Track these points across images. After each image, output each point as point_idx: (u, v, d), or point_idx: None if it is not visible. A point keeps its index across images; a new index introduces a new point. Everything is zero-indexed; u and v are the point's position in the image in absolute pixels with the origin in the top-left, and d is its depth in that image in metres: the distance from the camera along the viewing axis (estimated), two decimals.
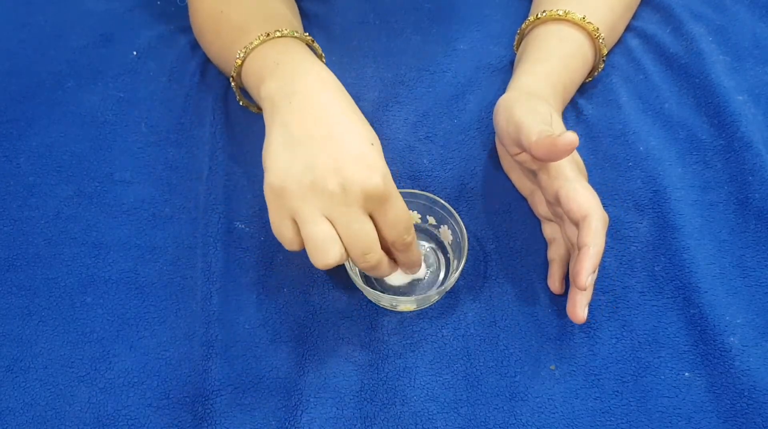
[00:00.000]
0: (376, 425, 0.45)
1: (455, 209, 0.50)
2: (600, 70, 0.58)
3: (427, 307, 0.50)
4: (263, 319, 0.49)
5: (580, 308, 0.44)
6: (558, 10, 0.55)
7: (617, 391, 0.46)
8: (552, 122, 0.47)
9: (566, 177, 0.46)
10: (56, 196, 0.55)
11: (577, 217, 0.44)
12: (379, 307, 0.50)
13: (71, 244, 0.53)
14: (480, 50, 0.63)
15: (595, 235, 0.43)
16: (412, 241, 0.44)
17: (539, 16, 0.56)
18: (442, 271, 0.51)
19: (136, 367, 0.48)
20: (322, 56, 0.57)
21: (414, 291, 0.50)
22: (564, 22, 0.55)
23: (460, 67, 0.62)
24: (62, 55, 0.64)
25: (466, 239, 0.48)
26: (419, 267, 0.49)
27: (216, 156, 0.56)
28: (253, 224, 0.53)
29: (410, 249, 0.45)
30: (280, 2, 0.59)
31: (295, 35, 0.52)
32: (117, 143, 0.58)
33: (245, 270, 0.51)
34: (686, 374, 0.46)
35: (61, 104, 0.61)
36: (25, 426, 0.45)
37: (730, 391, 0.45)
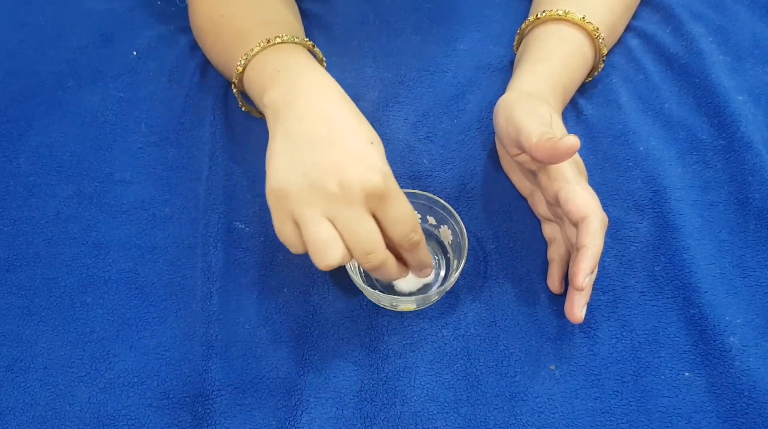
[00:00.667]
0: (376, 425, 0.45)
1: (455, 209, 0.49)
2: (600, 70, 0.58)
3: (427, 307, 0.50)
4: (263, 319, 0.49)
5: (578, 308, 0.44)
6: (558, 10, 0.55)
7: (617, 391, 0.46)
8: (552, 123, 0.46)
9: (566, 178, 0.46)
10: (56, 196, 0.55)
11: (576, 219, 0.44)
12: (379, 307, 0.50)
13: (71, 244, 0.53)
14: (480, 50, 0.63)
15: (594, 237, 0.43)
16: (419, 240, 0.43)
17: (539, 16, 0.56)
18: (442, 271, 0.51)
19: (136, 367, 0.48)
20: (323, 60, 0.57)
21: (419, 291, 0.50)
22: (564, 22, 0.55)
23: (460, 67, 0.62)
24: (62, 55, 0.64)
25: (466, 239, 0.48)
26: (430, 268, 0.47)
27: (216, 156, 0.56)
28: (253, 224, 0.53)
29: (418, 248, 0.44)
30: (281, 3, 0.58)
31: (295, 41, 0.52)
32: (117, 143, 0.58)
33: (245, 270, 0.51)
34: (686, 374, 0.46)
35: (61, 104, 0.61)
36: (25, 426, 0.45)
37: (730, 391, 0.45)
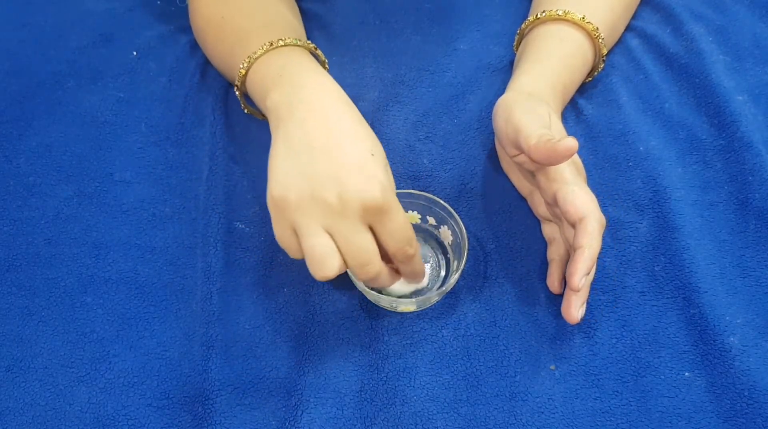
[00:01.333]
0: (376, 425, 0.45)
1: (455, 209, 0.50)
2: (600, 70, 0.58)
3: (427, 308, 0.50)
4: (263, 319, 0.49)
5: (575, 309, 0.44)
6: (558, 10, 0.55)
7: (617, 391, 0.46)
8: (551, 124, 0.46)
9: (564, 179, 0.46)
10: (56, 196, 0.55)
11: (573, 219, 0.44)
12: (379, 307, 0.50)
13: (71, 244, 0.53)
14: (480, 50, 0.63)
15: (591, 238, 0.43)
16: (414, 253, 0.44)
17: (539, 16, 0.56)
18: (443, 271, 0.51)
19: (136, 367, 0.48)
20: (325, 62, 0.57)
21: (414, 294, 0.50)
22: (564, 22, 0.55)
23: (460, 67, 0.62)
24: (62, 55, 0.64)
25: (466, 239, 0.48)
26: (422, 278, 0.48)
27: (216, 156, 0.56)
28: (253, 224, 0.53)
29: (412, 261, 0.44)
30: (282, 4, 0.58)
31: (298, 43, 0.52)
32: (117, 143, 0.58)
33: (245, 270, 0.51)
34: (686, 374, 0.46)
35: (61, 104, 0.60)
36: (25, 426, 0.45)
37: (730, 391, 0.45)
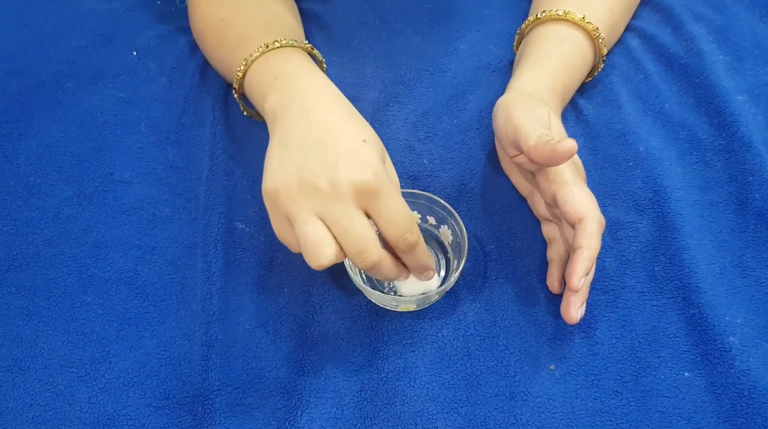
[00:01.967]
0: (376, 425, 0.45)
1: (455, 209, 0.49)
2: (600, 70, 0.58)
3: (427, 307, 0.50)
4: (263, 319, 0.49)
5: (574, 309, 0.44)
6: (558, 10, 0.55)
7: (617, 391, 0.46)
8: (551, 124, 0.46)
9: (564, 180, 0.46)
10: (56, 196, 0.55)
11: (573, 220, 0.44)
12: (379, 307, 0.50)
13: (71, 244, 0.53)
14: (480, 50, 0.63)
15: (590, 238, 0.43)
16: (415, 242, 0.42)
17: (539, 16, 0.56)
18: (442, 270, 0.51)
19: (136, 367, 0.48)
20: (323, 62, 0.57)
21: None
22: (564, 22, 0.55)
23: (460, 67, 0.62)
24: (62, 55, 0.64)
25: (466, 239, 0.48)
26: (432, 271, 0.46)
27: (216, 156, 0.56)
28: (253, 224, 0.53)
29: (415, 250, 0.43)
30: (281, 5, 0.58)
31: (294, 44, 0.52)
32: (117, 143, 0.58)
33: (245, 270, 0.51)
34: (686, 374, 0.46)
35: (61, 104, 0.61)
36: (25, 426, 0.45)
37: (730, 391, 0.45)
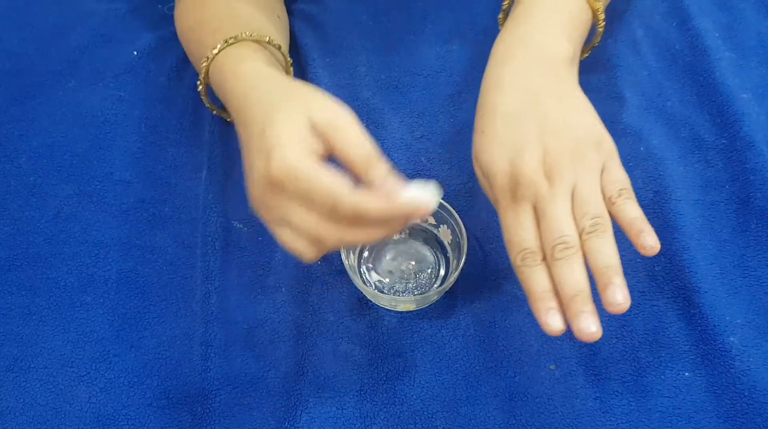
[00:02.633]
0: (376, 425, 0.45)
1: (455, 209, 0.49)
2: (597, 43, 0.54)
3: (427, 307, 0.50)
4: (262, 318, 0.49)
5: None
6: None
7: (617, 391, 0.46)
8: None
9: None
10: (57, 195, 0.55)
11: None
12: (378, 307, 0.50)
13: (71, 244, 0.53)
14: (475, 49, 0.63)
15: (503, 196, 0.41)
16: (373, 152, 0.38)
17: None
18: (442, 270, 0.51)
19: (136, 366, 0.48)
20: (280, 47, 0.54)
21: (413, 290, 0.50)
22: None
23: (455, 67, 0.62)
24: (63, 55, 0.64)
25: (466, 239, 0.48)
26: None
27: (215, 156, 0.57)
28: (251, 224, 0.53)
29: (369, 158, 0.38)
30: (250, 7, 0.56)
31: (245, 37, 0.50)
32: (117, 143, 0.58)
33: (244, 269, 0.51)
34: (686, 374, 0.46)
35: (61, 104, 0.61)
36: (25, 426, 0.45)
37: (730, 391, 0.45)
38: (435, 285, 0.50)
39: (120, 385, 0.47)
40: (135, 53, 0.64)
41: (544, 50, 0.46)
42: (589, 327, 0.37)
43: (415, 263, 0.52)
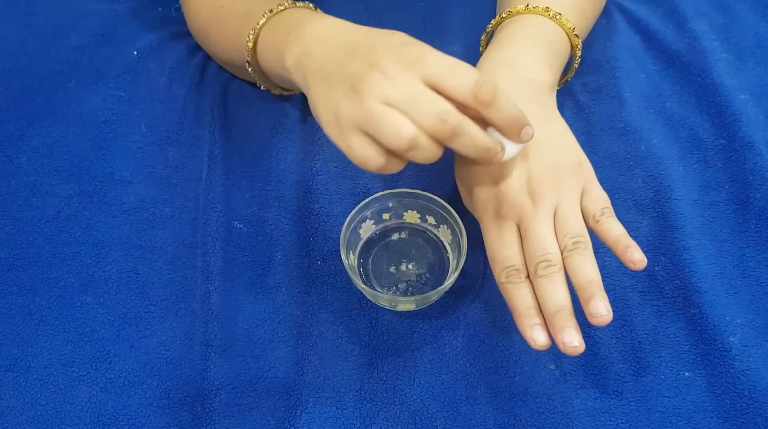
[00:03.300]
0: (376, 425, 0.45)
1: (454, 209, 0.49)
2: (572, 74, 0.56)
3: (427, 307, 0.50)
4: (262, 318, 0.49)
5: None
6: (530, 5, 0.52)
7: (617, 391, 0.46)
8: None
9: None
10: (57, 195, 0.55)
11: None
12: (378, 307, 0.50)
13: (72, 244, 0.53)
14: (474, 50, 0.63)
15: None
16: (493, 90, 0.38)
17: (503, 15, 0.53)
18: (442, 270, 0.51)
19: (136, 366, 0.48)
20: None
21: (413, 290, 0.50)
22: (538, 16, 0.52)
23: None
24: (63, 54, 0.64)
25: (465, 239, 0.48)
26: (524, 121, 0.40)
27: (215, 156, 0.57)
28: (251, 224, 0.53)
29: (496, 102, 0.38)
30: None
31: (297, 5, 0.51)
32: (117, 143, 0.58)
33: (244, 269, 0.51)
34: (686, 374, 0.46)
35: (62, 104, 0.61)
36: (25, 426, 0.45)
37: (730, 391, 0.45)
38: (435, 285, 0.50)
39: (120, 385, 0.47)
40: (135, 53, 0.64)
41: (529, 75, 0.48)
42: (572, 341, 0.39)
43: (414, 263, 0.52)
